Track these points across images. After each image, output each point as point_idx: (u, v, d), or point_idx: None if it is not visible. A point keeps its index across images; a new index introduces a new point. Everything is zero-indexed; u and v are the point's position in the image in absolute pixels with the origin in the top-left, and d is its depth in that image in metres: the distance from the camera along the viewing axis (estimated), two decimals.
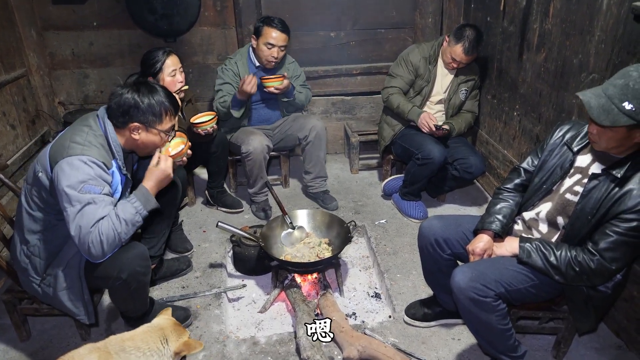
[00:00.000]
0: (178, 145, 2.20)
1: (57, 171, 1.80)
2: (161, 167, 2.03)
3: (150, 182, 2.01)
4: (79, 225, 1.79)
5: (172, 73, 2.75)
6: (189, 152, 2.23)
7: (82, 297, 2.03)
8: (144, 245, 2.08)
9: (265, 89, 3.20)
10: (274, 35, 3.12)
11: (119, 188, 2.02)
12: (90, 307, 2.08)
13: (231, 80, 3.26)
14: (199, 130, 2.85)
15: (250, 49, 3.31)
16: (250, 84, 3.04)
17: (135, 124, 1.95)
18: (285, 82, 3.17)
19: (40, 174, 1.88)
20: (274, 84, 3.15)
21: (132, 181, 2.18)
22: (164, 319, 1.83)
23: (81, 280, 1.99)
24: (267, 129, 3.48)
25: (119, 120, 1.96)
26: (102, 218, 1.83)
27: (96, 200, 1.82)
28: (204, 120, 2.88)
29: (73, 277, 1.98)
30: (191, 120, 2.86)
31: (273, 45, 3.14)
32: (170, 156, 2.10)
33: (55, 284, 1.99)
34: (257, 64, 3.30)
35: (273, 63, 3.23)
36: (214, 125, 2.91)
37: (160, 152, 2.09)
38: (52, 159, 1.85)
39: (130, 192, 2.17)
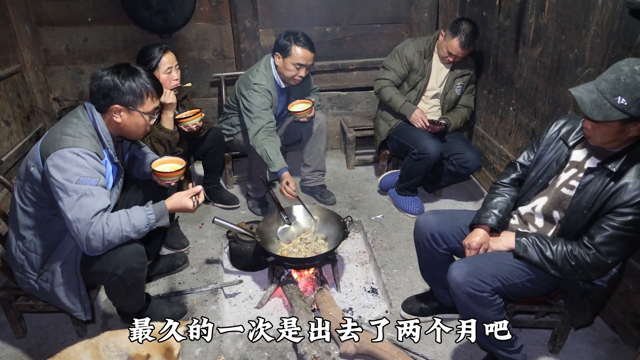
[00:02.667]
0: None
1: (50, 164, 1.79)
2: (189, 202, 2.05)
3: (171, 204, 2.03)
4: (78, 217, 1.78)
5: (167, 70, 2.75)
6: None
7: (79, 293, 2.02)
8: (140, 242, 2.08)
9: (295, 121, 3.17)
10: (305, 56, 2.97)
11: (111, 179, 2.02)
12: (87, 303, 2.07)
13: (269, 107, 3.06)
14: (182, 126, 2.85)
15: (274, 68, 3.11)
16: (290, 197, 2.86)
17: (116, 106, 1.93)
18: (313, 108, 3.12)
19: (32, 169, 1.87)
20: (306, 114, 3.08)
21: (124, 171, 2.18)
22: (157, 346, 1.70)
23: (77, 276, 1.98)
24: None
25: (100, 104, 1.94)
26: (105, 210, 1.83)
27: (93, 192, 1.81)
28: (187, 116, 2.85)
29: (70, 273, 1.97)
30: (176, 117, 2.85)
31: (302, 65, 3.01)
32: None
33: (53, 280, 1.98)
34: (284, 85, 3.16)
35: (299, 81, 3.12)
36: (197, 123, 2.87)
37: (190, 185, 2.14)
38: (43, 152, 1.84)
39: (124, 181, 2.19)
